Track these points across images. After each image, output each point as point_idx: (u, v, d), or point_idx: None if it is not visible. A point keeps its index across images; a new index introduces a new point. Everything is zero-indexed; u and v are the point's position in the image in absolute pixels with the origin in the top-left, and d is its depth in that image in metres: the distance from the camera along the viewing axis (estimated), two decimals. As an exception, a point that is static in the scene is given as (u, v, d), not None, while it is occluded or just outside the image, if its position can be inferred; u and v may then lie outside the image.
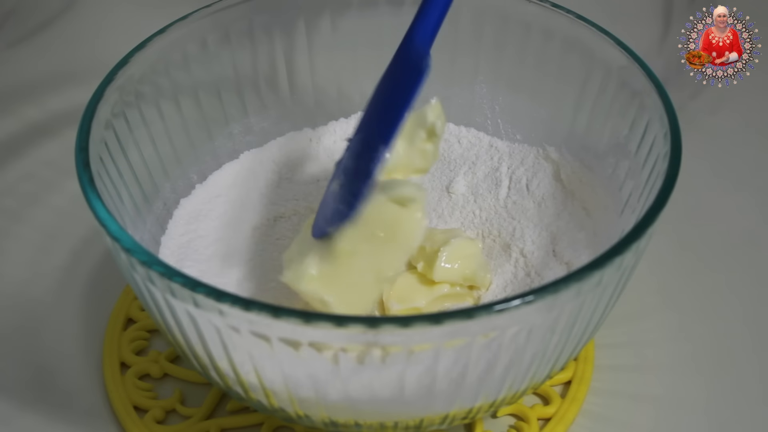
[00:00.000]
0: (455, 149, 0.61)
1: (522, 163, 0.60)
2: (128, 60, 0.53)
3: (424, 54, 0.50)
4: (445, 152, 0.61)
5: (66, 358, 0.57)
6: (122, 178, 0.53)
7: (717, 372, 0.56)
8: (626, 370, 0.55)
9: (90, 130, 0.50)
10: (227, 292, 0.42)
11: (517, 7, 0.58)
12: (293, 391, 0.46)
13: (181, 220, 0.57)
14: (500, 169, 0.60)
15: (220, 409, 0.54)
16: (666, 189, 0.46)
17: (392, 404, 0.46)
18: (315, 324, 0.41)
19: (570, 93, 0.58)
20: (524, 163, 0.60)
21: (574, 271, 0.43)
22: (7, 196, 0.66)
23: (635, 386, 0.55)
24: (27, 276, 0.61)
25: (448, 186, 0.60)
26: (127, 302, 0.58)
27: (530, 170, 0.59)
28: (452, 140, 0.62)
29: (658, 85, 0.51)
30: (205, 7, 0.57)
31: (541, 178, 0.59)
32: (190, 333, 0.45)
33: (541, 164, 0.59)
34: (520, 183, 0.59)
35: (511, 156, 0.60)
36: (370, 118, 0.51)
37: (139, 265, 0.44)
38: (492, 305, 0.41)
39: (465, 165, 0.61)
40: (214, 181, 0.59)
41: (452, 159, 0.61)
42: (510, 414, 0.54)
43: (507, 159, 0.60)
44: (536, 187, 0.59)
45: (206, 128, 0.59)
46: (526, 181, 0.59)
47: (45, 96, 0.73)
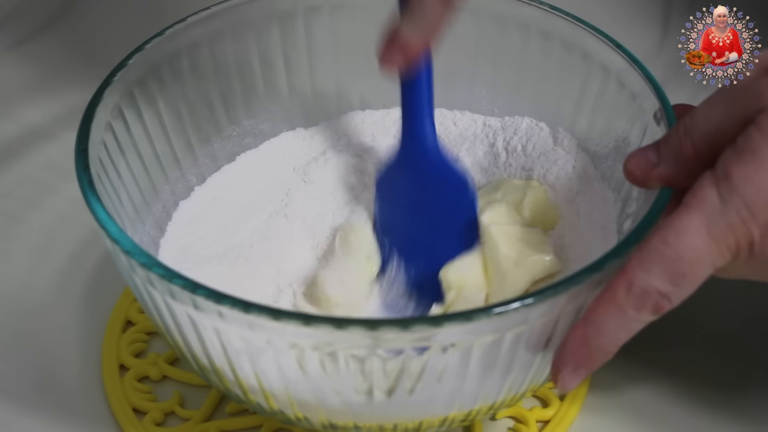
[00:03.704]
0: (452, 130, 0.61)
1: (515, 133, 0.59)
2: (127, 62, 0.53)
3: (460, 167, 0.55)
4: (443, 134, 0.61)
5: (65, 360, 0.56)
6: (122, 180, 0.53)
7: (717, 372, 0.56)
8: (625, 373, 0.55)
9: (89, 132, 0.50)
10: (227, 294, 0.42)
11: (516, 10, 0.58)
12: (292, 394, 0.46)
13: (181, 222, 0.57)
14: (496, 144, 0.60)
15: (219, 412, 0.54)
16: (666, 191, 0.46)
17: (391, 407, 0.46)
18: (315, 326, 0.41)
19: (569, 95, 0.58)
20: (517, 132, 0.59)
21: (573, 273, 0.43)
22: (7, 198, 0.66)
23: (634, 390, 0.55)
24: (26, 278, 0.61)
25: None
26: (126, 304, 0.58)
27: (524, 136, 0.59)
28: (448, 123, 0.61)
29: (656, 87, 0.51)
30: (203, 9, 0.57)
31: (536, 141, 0.59)
32: (190, 335, 0.45)
33: (534, 129, 0.59)
34: (516, 151, 0.59)
35: (504, 129, 0.60)
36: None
37: (139, 267, 0.44)
38: (491, 308, 0.41)
39: (466, 143, 0.60)
40: (212, 183, 0.59)
41: (451, 139, 0.61)
42: (509, 416, 0.54)
43: (501, 132, 0.60)
44: (531, 149, 0.58)
45: (205, 130, 0.59)
46: (521, 147, 0.59)
47: (44, 98, 0.73)
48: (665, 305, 0.43)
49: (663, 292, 0.42)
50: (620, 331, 0.43)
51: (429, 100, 0.53)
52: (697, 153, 0.44)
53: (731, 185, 0.42)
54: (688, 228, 0.42)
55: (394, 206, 0.56)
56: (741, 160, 0.42)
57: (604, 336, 0.43)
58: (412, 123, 0.54)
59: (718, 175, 0.42)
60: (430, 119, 0.54)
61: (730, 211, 0.41)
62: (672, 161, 0.45)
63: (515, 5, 0.58)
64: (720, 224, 0.42)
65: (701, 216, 0.42)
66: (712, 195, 0.42)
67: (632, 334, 0.44)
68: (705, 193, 0.42)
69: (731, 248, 0.42)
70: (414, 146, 0.55)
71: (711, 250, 0.42)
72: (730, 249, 0.42)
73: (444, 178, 0.55)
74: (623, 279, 0.42)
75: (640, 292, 0.42)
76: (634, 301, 0.42)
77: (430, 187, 0.55)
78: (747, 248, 0.42)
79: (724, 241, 0.42)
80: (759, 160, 0.41)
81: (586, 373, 0.44)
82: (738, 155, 0.42)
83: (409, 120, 0.54)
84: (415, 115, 0.54)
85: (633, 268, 0.42)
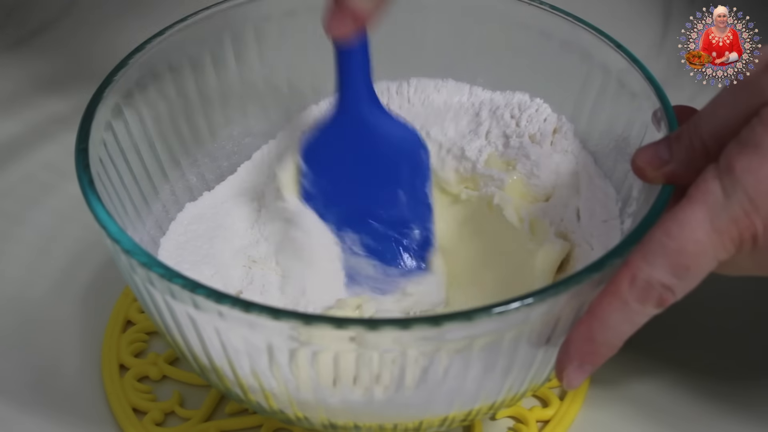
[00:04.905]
0: (435, 99, 0.61)
1: (507, 105, 0.59)
2: (127, 62, 0.53)
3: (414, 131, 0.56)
4: (426, 103, 0.60)
5: (65, 360, 0.56)
6: (122, 180, 0.53)
7: (717, 372, 0.56)
8: (625, 373, 0.55)
9: (89, 131, 0.50)
10: (227, 294, 0.42)
11: (516, 10, 0.58)
12: (292, 393, 0.46)
13: (182, 222, 0.57)
14: (481, 113, 0.59)
15: (219, 411, 0.54)
16: (666, 190, 0.46)
17: (391, 406, 0.46)
18: (314, 325, 0.41)
19: (569, 95, 0.57)
20: (509, 105, 0.59)
21: (574, 273, 0.43)
22: (7, 197, 0.66)
23: (633, 389, 0.55)
24: (26, 278, 0.61)
25: (429, 133, 0.59)
26: (126, 304, 0.58)
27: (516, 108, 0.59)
28: (430, 91, 0.61)
29: (656, 86, 0.51)
30: (203, 9, 0.57)
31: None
32: (190, 335, 0.45)
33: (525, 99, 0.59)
34: (504, 118, 0.58)
35: (492, 100, 0.60)
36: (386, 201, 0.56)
37: (139, 266, 0.44)
38: (491, 308, 0.41)
39: (450, 112, 0.60)
40: (214, 181, 0.59)
41: (435, 107, 0.60)
42: (509, 416, 0.54)
43: (488, 103, 0.59)
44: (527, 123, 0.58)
45: (204, 130, 0.59)
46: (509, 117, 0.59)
47: (44, 98, 0.73)
48: (669, 298, 0.43)
49: (667, 284, 0.42)
50: (624, 324, 0.43)
51: (366, 64, 0.53)
52: (707, 151, 0.44)
53: (734, 178, 0.42)
54: (691, 220, 0.42)
55: (335, 175, 0.56)
56: (744, 152, 0.42)
57: (608, 330, 0.43)
58: (354, 87, 0.53)
59: (722, 168, 0.42)
60: (369, 83, 0.54)
61: (734, 203, 0.42)
62: (684, 159, 0.45)
63: (515, 5, 0.58)
64: (723, 217, 0.42)
65: (705, 209, 0.42)
66: (715, 188, 0.42)
67: (636, 328, 0.44)
68: (708, 186, 0.42)
69: (734, 241, 0.42)
70: (356, 109, 0.54)
71: (714, 243, 0.42)
72: (733, 242, 0.42)
73: (388, 137, 0.55)
74: (627, 272, 0.42)
75: (643, 285, 0.42)
76: (638, 294, 0.42)
77: (376, 148, 0.55)
78: (750, 241, 0.42)
79: (728, 234, 0.42)
80: (762, 153, 0.41)
81: (591, 369, 0.44)
82: (741, 148, 0.42)
83: (349, 84, 0.53)
84: (354, 79, 0.53)
85: (636, 261, 0.42)
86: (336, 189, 0.55)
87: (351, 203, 0.55)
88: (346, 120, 0.54)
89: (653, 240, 0.42)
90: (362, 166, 0.55)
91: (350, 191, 0.56)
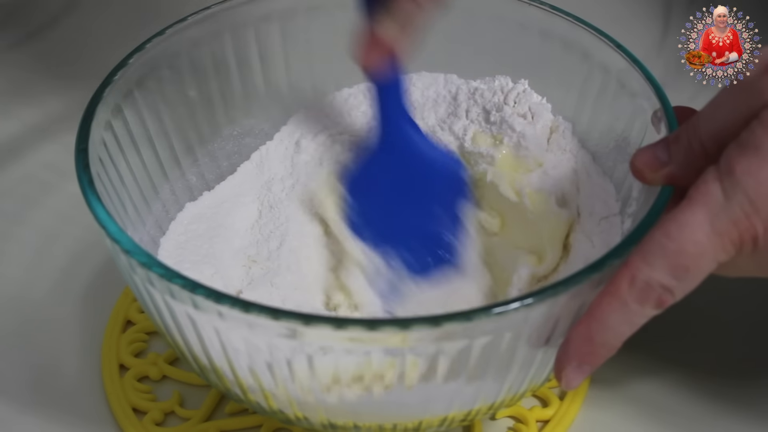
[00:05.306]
0: (413, 91, 0.60)
1: (488, 89, 0.59)
2: (127, 62, 0.53)
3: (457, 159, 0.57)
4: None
5: (65, 360, 0.56)
6: (122, 180, 0.53)
7: (717, 371, 0.56)
8: (625, 373, 0.55)
9: (89, 131, 0.50)
10: (227, 294, 0.42)
11: (516, 10, 0.58)
12: (292, 393, 0.46)
13: (182, 222, 0.57)
14: (458, 97, 0.59)
15: (219, 411, 0.54)
16: (665, 191, 0.46)
17: (391, 406, 0.46)
18: (314, 326, 0.41)
19: (569, 95, 0.58)
20: (490, 88, 0.59)
21: (574, 273, 0.43)
22: (7, 197, 0.66)
23: (633, 389, 0.55)
24: (26, 278, 0.61)
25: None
26: (126, 304, 0.58)
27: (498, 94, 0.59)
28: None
29: (656, 87, 0.51)
30: (203, 9, 0.57)
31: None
32: (190, 335, 0.45)
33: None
34: (483, 96, 0.59)
35: (468, 84, 0.59)
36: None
37: (139, 266, 0.44)
38: (490, 308, 0.41)
39: (428, 102, 0.60)
40: (214, 181, 0.59)
41: (414, 99, 0.60)
42: (509, 416, 0.54)
43: (465, 87, 0.59)
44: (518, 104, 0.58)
45: (204, 130, 0.59)
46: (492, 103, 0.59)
47: (44, 97, 0.73)
48: (668, 299, 0.43)
49: (666, 285, 0.42)
50: (623, 325, 0.43)
51: (402, 96, 0.54)
52: (706, 152, 0.44)
53: (735, 180, 0.42)
54: (691, 222, 0.42)
55: (378, 202, 0.56)
56: (744, 154, 0.42)
57: (607, 331, 0.43)
58: (394, 121, 0.54)
59: (722, 170, 0.42)
60: (406, 113, 0.55)
61: (734, 205, 0.42)
62: (683, 161, 0.45)
63: (515, 5, 0.58)
64: (723, 219, 0.42)
65: (705, 210, 0.42)
66: (715, 189, 0.42)
67: (635, 329, 0.44)
68: (709, 187, 0.42)
69: (735, 243, 0.42)
70: (395, 141, 0.55)
71: (714, 245, 0.42)
72: (733, 243, 0.42)
73: (429, 164, 0.55)
74: (626, 273, 0.42)
75: (643, 286, 0.42)
76: (637, 295, 0.42)
77: (418, 176, 0.56)
78: (750, 243, 0.42)
79: (728, 236, 0.42)
80: (762, 155, 0.41)
81: (590, 369, 0.44)
82: (741, 150, 0.42)
83: (388, 118, 0.54)
84: (393, 113, 0.54)
85: (636, 262, 0.42)
86: (378, 213, 0.56)
87: (391, 224, 0.56)
88: (390, 154, 0.55)
89: (653, 241, 0.42)
90: (405, 192, 0.56)
91: (391, 213, 0.56)
